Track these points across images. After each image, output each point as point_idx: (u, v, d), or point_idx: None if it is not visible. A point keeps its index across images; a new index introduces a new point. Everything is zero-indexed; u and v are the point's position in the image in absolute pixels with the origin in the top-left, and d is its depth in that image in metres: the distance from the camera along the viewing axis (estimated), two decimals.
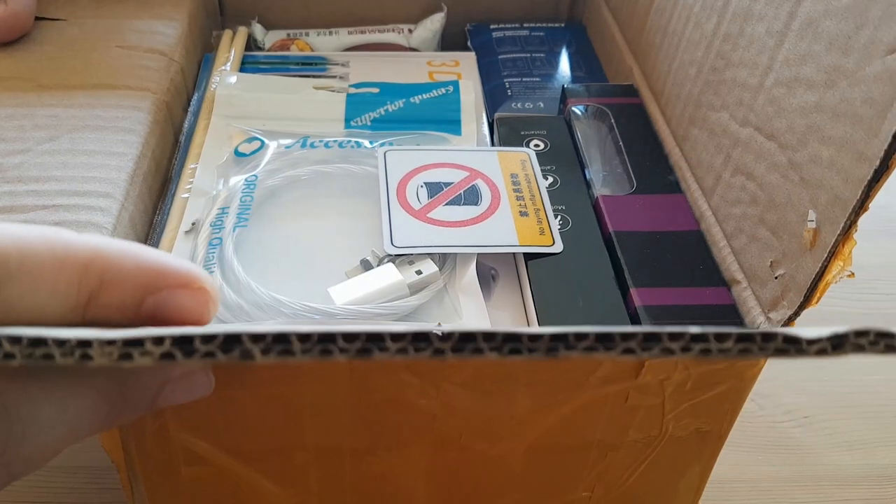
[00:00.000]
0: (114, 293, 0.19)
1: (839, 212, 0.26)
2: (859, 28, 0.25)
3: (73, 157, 0.35)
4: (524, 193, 0.38)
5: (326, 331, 0.15)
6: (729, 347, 0.16)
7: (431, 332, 0.15)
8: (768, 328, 0.16)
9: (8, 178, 0.34)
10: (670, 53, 0.40)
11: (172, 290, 0.19)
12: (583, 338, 0.16)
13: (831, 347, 0.16)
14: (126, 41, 0.43)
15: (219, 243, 0.35)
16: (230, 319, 0.32)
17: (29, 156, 0.35)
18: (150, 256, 0.19)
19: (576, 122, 0.42)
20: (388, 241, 0.35)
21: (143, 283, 0.19)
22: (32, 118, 0.37)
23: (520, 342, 0.16)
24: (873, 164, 0.24)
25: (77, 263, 0.18)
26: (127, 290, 0.19)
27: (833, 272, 0.26)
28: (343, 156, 0.40)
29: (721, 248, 0.34)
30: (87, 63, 0.41)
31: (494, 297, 0.35)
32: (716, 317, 0.32)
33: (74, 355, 0.15)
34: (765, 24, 0.31)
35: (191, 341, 0.15)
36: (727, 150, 0.34)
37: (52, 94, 0.39)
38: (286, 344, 0.15)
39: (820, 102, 0.27)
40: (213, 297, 0.20)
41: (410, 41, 0.55)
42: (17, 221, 0.31)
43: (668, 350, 0.16)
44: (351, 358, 0.15)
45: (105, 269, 0.19)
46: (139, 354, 0.15)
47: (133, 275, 0.19)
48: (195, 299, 0.20)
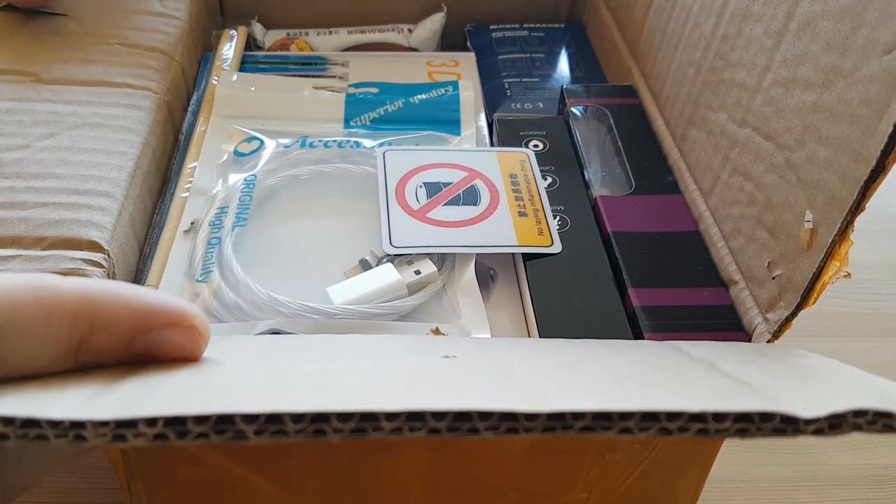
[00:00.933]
0: (104, 338, 0.19)
1: (836, 212, 0.26)
2: (856, 28, 0.25)
3: (73, 154, 0.35)
4: (523, 194, 0.38)
5: (320, 410, 0.15)
6: (727, 427, 0.16)
7: (426, 412, 0.15)
8: (765, 407, 0.16)
9: (7, 173, 0.33)
10: (669, 54, 0.40)
11: (162, 330, 0.20)
12: (580, 417, 0.16)
13: (829, 427, 0.16)
14: (127, 38, 0.43)
15: (217, 243, 0.35)
16: (228, 319, 0.32)
17: (28, 152, 0.35)
18: (138, 298, 0.20)
19: (575, 123, 0.42)
20: (387, 241, 0.35)
21: (133, 325, 0.19)
22: (32, 113, 0.37)
23: (516, 421, 0.15)
24: (870, 164, 0.24)
25: (66, 312, 0.18)
26: (116, 334, 0.19)
27: (830, 272, 0.26)
28: (342, 156, 0.40)
29: (719, 248, 0.34)
30: (88, 59, 0.41)
31: (493, 297, 0.36)
32: (713, 317, 0.32)
33: (68, 436, 0.15)
34: (763, 25, 0.31)
35: (184, 422, 0.15)
36: (725, 151, 0.34)
37: (51, 90, 0.38)
38: (280, 424, 0.15)
39: (817, 103, 0.27)
40: (203, 334, 0.20)
41: (410, 41, 0.55)
42: (16, 218, 0.31)
43: (665, 430, 0.16)
44: (345, 438, 0.15)
45: (94, 315, 0.19)
46: (132, 436, 0.15)
47: (122, 318, 0.19)
48: (185, 337, 0.20)
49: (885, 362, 0.43)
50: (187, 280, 0.34)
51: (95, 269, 0.30)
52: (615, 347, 0.26)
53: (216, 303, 0.33)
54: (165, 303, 0.20)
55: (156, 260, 0.35)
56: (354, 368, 0.21)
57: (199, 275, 0.34)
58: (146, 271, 0.34)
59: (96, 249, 0.31)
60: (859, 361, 0.44)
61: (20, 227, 0.31)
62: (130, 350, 0.20)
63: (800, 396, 0.18)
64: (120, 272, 0.32)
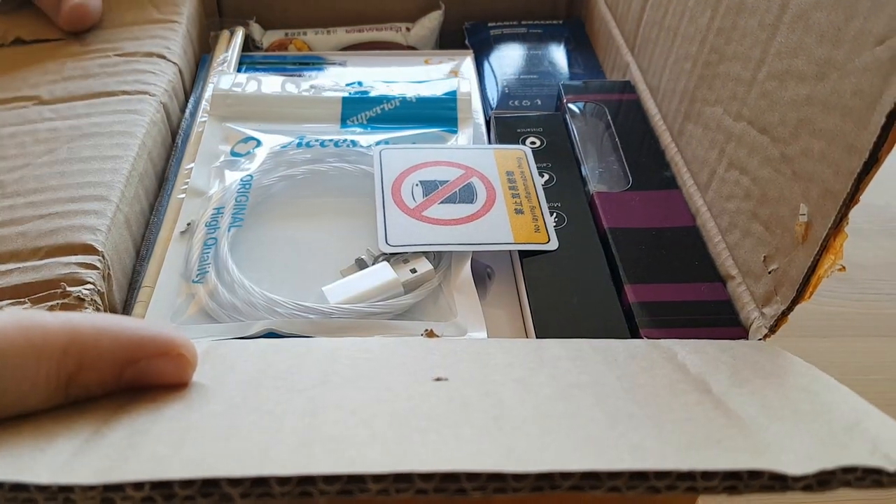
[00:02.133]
0: (93, 374, 0.19)
1: (830, 205, 0.25)
2: (849, 19, 0.25)
3: (70, 165, 0.35)
4: (520, 191, 0.38)
5: (306, 474, 0.15)
6: (715, 485, 0.16)
7: (413, 473, 0.15)
8: (754, 465, 0.16)
9: (8, 193, 0.34)
10: (666, 48, 0.40)
11: (150, 360, 0.20)
12: (568, 477, 0.15)
13: (817, 484, 0.16)
14: (124, 49, 0.44)
15: (214, 243, 0.35)
16: (225, 320, 0.32)
17: (28, 170, 0.35)
18: (126, 331, 0.20)
19: (572, 119, 0.42)
20: (383, 240, 0.35)
21: (122, 358, 0.20)
22: (34, 134, 0.37)
23: (504, 482, 0.15)
24: (863, 156, 0.24)
25: (55, 350, 0.19)
26: (106, 368, 0.20)
27: (825, 266, 0.26)
28: (339, 155, 0.40)
29: (716, 243, 0.34)
30: (87, 74, 0.41)
31: (489, 295, 0.35)
32: (710, 312, 0.32)
33: (57, 500, 0.15)
34: (757, 17, 0.31)
35: (170, 486, 0.15)
36: (721, 145, 0.34)
37: (52, 109, 0.39)
38: (265, 487, 0.15)
39: (811, 95, 0.27)
40: (190, 361, 0.21)
41: (408, 39, 0.55)
42: (15, 233, 0.32)
43: (653, 488, 0.16)
44: (331, 499, 0.15)
45: (83, 351, 0.19)
46: (120, 499, 0.15)
47: (111, 352, 0.20)
48: (174, 365, 0.21)
49: (885, 362, 0.43)
50: (183, 281, 0.34)
51: (90, 271, 0.30)
52: (610, 357, 0.25)
53: (212, 303, 0.33)
54: (153, 334, 0.20)
55: (152, 261, 0.35)
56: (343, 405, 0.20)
57: (195, 275, 0.34)
58: (142, 272, 0.34)
59: (90, 252, 0.31)
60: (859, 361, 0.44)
61: (18, 241, 0.31)
62: (120, 381, 0.20)
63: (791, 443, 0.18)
64: (115, 273, 0.32)
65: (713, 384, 0.23)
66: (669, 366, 0.24)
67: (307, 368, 0.23)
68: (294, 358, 0.24)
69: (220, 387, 0.21)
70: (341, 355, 0.25)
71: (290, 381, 0.22)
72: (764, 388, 0.23)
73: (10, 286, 0.30)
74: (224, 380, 0.22)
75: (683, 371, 0.24)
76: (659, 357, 0.25)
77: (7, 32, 0.43)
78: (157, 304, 0.33)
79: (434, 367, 0.24)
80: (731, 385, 0.23)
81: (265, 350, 0.25)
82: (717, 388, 0.22)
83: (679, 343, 0.27)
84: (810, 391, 0.22)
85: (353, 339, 0.27)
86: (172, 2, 0.48)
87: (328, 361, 0.24)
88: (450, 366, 0.24)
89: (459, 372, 0.23)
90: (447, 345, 0.26)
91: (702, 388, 0.22)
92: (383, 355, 0.25)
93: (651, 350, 0.26)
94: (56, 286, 0.29)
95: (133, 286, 0.34)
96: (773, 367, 0.25)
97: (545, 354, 0.25)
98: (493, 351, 0.26)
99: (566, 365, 0.24)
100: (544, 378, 0.23)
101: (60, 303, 0.29)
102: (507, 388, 0.22)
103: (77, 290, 0.29)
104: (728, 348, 0.26)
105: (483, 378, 0.23)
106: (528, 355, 0.25)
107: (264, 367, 0.23)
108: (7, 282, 0.30)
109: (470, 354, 0.25)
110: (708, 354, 0.25)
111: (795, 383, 0.23)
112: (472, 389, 0.22)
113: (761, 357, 0.26)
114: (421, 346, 0.26)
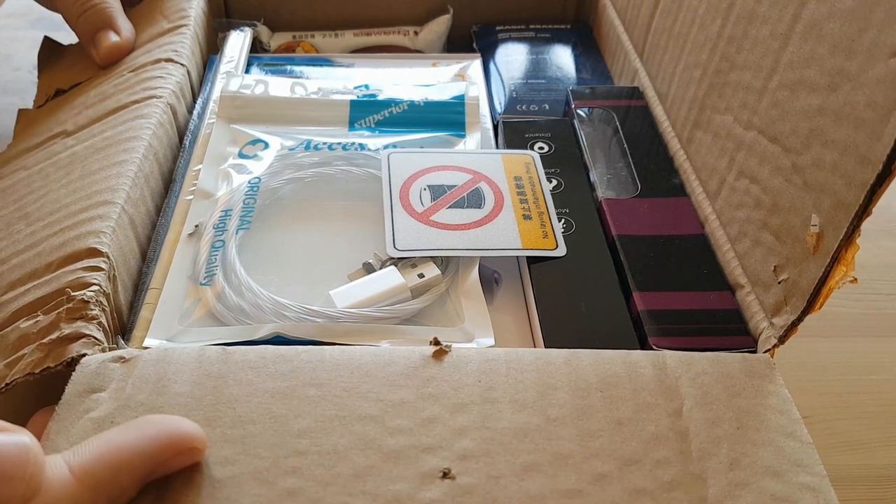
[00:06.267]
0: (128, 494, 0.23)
1: (842, 216, 0.25)
2: (863, 31, 0.25)
3: (82, 180, 0.36)
4: (528, 196, 0.38)
5: None
6: None
7: None
8: None
9: (31, 220, 0.34)
10: (675, 56, 0.40)
11: (169, 461, 0.23)
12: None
13: None
14: (136, 63, 0.44)
15: (221, 245, 0.35)
16: (232, 322, 0.32)
17: (48, 196, 0.35)
18: (144, 450, 0.23)
19: (580, 125, 0.42)
20: (391, 244, 0.35)
21: (145, 472, 0.23)
22: (56, 163, 0.38)
23: None
24: (876, 168, 0.24)
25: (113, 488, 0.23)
26: (136, 485, 0.23)
27: (836, 277, 0.26)
28: (346, 158, 0.40)
29: (725, 252, 0.34)
30: (104, 96, 0.42)
31: (497, 300, 0.35)
32: (719, 321, 0.32)
33: None
34: (769, 27, 0.31)
35: None
36: (731, 153, 0.34)
37: (75, 138, 0.39)
38: None
39: (823, 105, 0.27)
40: (202, 449, 0.24)
41: (416, 43, 0.55)
42: (33, 255, 0.32)
43: None
44: None
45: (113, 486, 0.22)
46: None
47: (139, 471, 0.23)
48: (189, 458, 0.24)
49: (885, 362, 0.43)
50: (191, 283, 0.34)
51: (95, 273, 0.30)
52: (614, 420, 0.26)
53: (219, 306, 0.33)
54: (170, 438, 0.23)
55: (159, 263, 0.35)
56: None
57: (202, 278, 0.34)
58: (149, 274, 0.34)
59: (94, 255, 0.31)
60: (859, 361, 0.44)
61: (35, 261, 0.32)
62: (144, 483, 0.23)
63: None
64: (121, 274, 0.32)
65: (710, 483, 0.25)
66: (672, 439, 0.26)
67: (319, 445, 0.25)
68: (306, 416, 0.26)
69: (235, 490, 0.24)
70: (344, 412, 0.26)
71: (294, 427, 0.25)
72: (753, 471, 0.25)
73: (27, 304, 0.30)
74: (238, 471, 0.24)
75: (686, 456, 0.25)
76: (665, 418, 0.26)
77: (49, 87, 0.45)
78: (165, 307, 0.33)
79: (441, 435, 0.25)
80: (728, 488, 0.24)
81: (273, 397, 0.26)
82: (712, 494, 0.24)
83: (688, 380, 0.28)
84: None
85: None
86: (180, 7, 0.49)
87: (338, 429, 0.26)
88: (453, 438, 0.25)
89: (464, 456, 0.25)
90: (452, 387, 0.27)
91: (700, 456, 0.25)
92: (388, 415, 0.26)
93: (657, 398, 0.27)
94: (62, 294, 0.29)
95: (139, 288, 0.34)
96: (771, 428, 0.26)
97: (551, 411, 0.26)
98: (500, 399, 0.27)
99: (570, 433, 0.26)
100: (547, 470, 0.25)
101: (66, 307, 0.29)
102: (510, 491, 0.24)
103: (81, 293, 0.29)
104: (736, 393, 0.27)
105: (488, 472, 0.24)
106: (532, 416, 0.26)
107: (279, 438, 0.25)
108: (24, 301, 0.30)
109: (475, 414, 0.26)
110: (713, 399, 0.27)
111: None
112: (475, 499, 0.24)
113: (761, 436, 0.26)
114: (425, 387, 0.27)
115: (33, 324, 0.29)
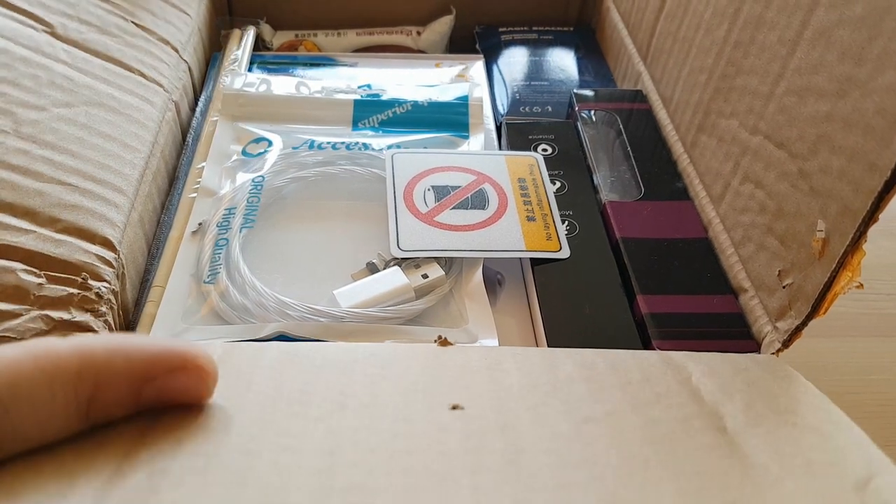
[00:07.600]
0: (110, 394, 0.19)
1: (849, 222, 0.25)
2: (873, 39, 0.25)
3: (89, 134, 0.34)
4: (531, 198, 0.38)
5: None
6: None
7: None
8: None
9: (23, 133, 0.32)
10: (680, 60, 0.40)
11: (168, 376, 0.20)
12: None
13: None
14: (142, 20, 0.43)
15: (225, 244, 0.35)
16: (236, 321, 0.32)
17: (44, 115, 0.33)
18: (139, 349, 0.20)
19: (584, 127, 0.42)
20: (395, 245, 0.35)
21: (137, 376, 0.19)
22: (48, 72, 0.35)
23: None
24: (884, 175, 0.24)
25: (69, 375, 0.18)
26: (122, 388, 0.19)
27: (842, 283, 0.26)
28: (350, 158, 0.40)
29: (728, 255, 0.34)
30: (104, 30, 0.40)
31: (500, 302, 0.35)
32: (722, 325, 0.32)
33: None
34: (777, 32, 0.31)
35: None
36: (736, 158, 0.34)
37: (67, 51, 0.37)
38: None
39: (832, 112, 0.27)
40: (210, 372, 0.20)
41: (419, 43, 0.55)
42: (32, 189, 0.30)
43: None
44: None
45: (97, 373, 0.19)
46: None
47: (126, 371, 0.19)
48: (192, 379, 0.20)
49: (885, 362, 0.43)
50: (194, 281, 0.34)
51: (107, 268, 0.30)
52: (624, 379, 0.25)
53: (223, 304, 0.32)
54: (167, 348, 0.20)
55: (163, 260, 0.35)
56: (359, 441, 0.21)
57: (206, 276, 0.34)
58: (153, 271, 0.34)
59: (109, 248, 0.31)
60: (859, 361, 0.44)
61: (36, 200, 0.30)
62: (139, 401, 0.20)
63: None
64: (129, 272, 0.32)
65: (728, 420, 0.23)
66: (685, 392, 0.24)
67: (323, 388, 0.23)
68: (309, 373, 0.24)
69: (237, 412, 0.21)
70: (356, 370, 0.25)
71: (307, 404, 0.23)
72: (777, 428, 0.23)
73: (24, 248, 0.28)
74: (241, 401, 0.22)
75: (698, 400, 0.24)
76: (673, 380, 0.25)
77: None
78: (168, 305, 0.33)
79: (450, 387, 0.24)
80: (745, 424, 0.23)
81: (280, 362, 0.25)
82: (731, 426, 0.23)
83: (693, 359, 0.27)
84: (823, 434, 0.23)
85: (367, 346, 0.26)
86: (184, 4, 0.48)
87: (343, 380, 0.24)
88: (464, 388, 0.24)
89: (474, 398, 0.24)
90: (460, 358, 0.26)
91: (717, 424, 0.23)
92: (397, 372, 0.25)
93: (665, 369, 0.26)
94: (76, 272, 0.29)
95: (144, 284, 0.34)
96: (787, 401, 0.25)
97: (559, 373, 0.25)
98: (507, 366, 0.26)
99: (580, 390, 0.25)
100: (559, 407, 0.23)
101: (80, 294, 0.28)
102: (523, 421, 0.23)
103: (97, 285, 0.29)
104: (742, 368, 0.26)
105: (499, 406, 0.23)
106: (541, 376, 0.25)
107: (279, 383, 0.23)
108: (20, 241, 0.29)
109: (483, 374, 0.25)
110: (723, 378, 0.26)
111: (809, 423, 0.24)
112: (487, 422, 0.22)
113: (775, 384, 0.26)
114: (435, 359, 0.26)
115: (36, 283, 0.28)
